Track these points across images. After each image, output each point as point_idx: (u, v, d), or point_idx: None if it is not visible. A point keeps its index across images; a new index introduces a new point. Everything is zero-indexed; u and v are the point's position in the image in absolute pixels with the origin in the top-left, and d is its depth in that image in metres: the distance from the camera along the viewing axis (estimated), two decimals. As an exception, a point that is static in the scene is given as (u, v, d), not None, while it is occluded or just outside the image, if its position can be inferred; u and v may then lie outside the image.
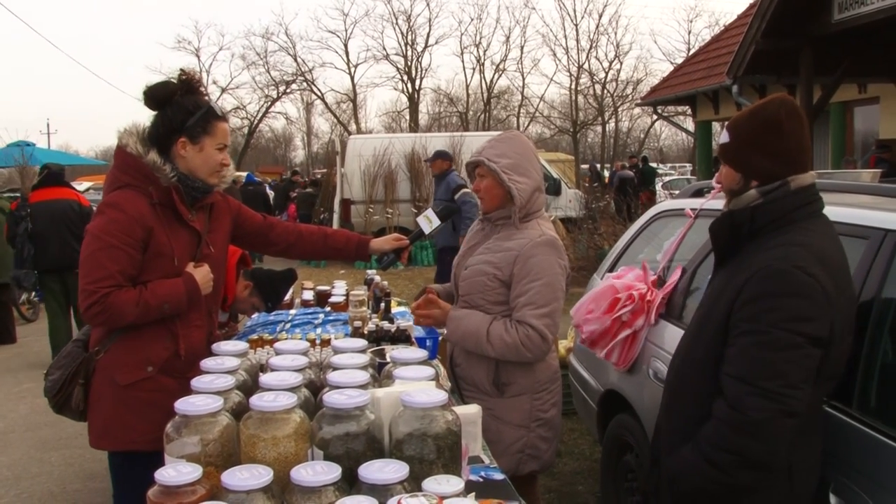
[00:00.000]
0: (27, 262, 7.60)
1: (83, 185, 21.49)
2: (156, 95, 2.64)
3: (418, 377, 2.03)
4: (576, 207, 16.23)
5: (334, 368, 2.09)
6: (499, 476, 2.13)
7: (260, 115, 42.37)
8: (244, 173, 19.99)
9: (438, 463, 1.75)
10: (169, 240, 2.60)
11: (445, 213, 3.25)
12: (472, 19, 62.42)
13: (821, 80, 10.34)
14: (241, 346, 2.42)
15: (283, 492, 1.61)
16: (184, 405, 1.81)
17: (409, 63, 41.11)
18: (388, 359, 2.32)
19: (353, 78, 41.62)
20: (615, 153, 40.22)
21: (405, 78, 41.30)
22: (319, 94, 42.17)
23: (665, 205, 4.39)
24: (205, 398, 1.85)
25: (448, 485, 1.57)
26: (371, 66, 64.02)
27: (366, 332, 3.34)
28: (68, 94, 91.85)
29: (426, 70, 42.92)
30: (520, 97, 42.90)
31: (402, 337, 3.25)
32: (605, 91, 39.84)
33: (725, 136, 2.33)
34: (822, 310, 2.07)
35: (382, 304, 3.88)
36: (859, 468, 2.26)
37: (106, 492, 2.89)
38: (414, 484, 1.61)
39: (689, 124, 24.39)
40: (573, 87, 39.30)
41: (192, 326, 2.69)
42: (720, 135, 2.40)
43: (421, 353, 2.25)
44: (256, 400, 1.79)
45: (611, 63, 39.82)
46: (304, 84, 41.41)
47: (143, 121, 2.70)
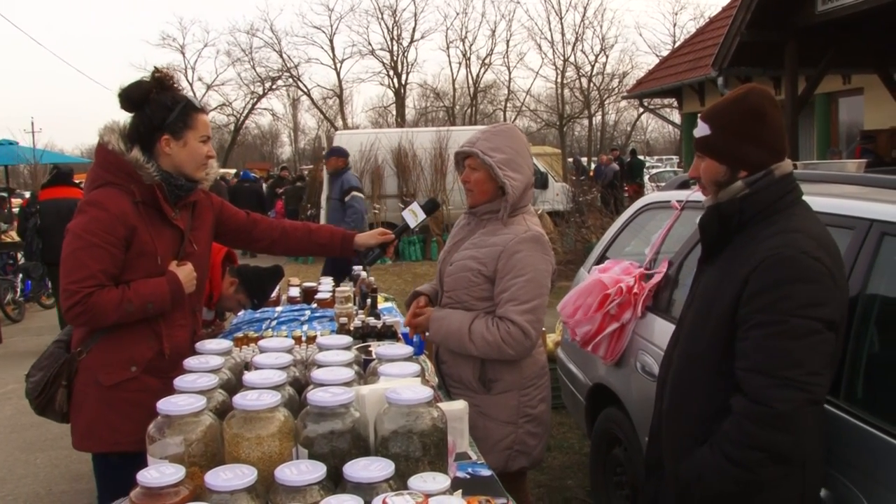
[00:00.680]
0: (35, 255, 8.40)
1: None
2: (131, 96, 2.60)
3: (404, 374, 2.01)
4: (563, 201, 16.24)
5: (319, 366, 2.07)
6: (486, 472, 2.12)
7: (246, 111, 42.32)
8: (232, 170, 19.93)
9: (424, 460, 1.73)
10: (152, 238, 2.57)
11: (430, 208, 3.24)
12: (458, 14, 62.64)
13: (805, 72, 10.39)
14: (224, 344, 2.39)
15: (267, 491, 1.59)
16: (166, 405, 1.78)
17: (395, 58, 41.08)
18: (373, 355, 2.31)
19: (339, 73, 41.65)
20: (602, 146, 40.28)
21: (391, 73, 41.28)
22: (305, 90, 42.14)
23: (651, 197, 4.39)
24: (188, 398, 1.83)
25: (434, 482, 1.56)
26: (357, 61, 64.17)
27: (352, 328, 3.33)
28: (53, 92, 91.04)
29: (412, 65, 42.88)
30: (506, 91, 43.01)
31: (388, 333, 3.25)
32: (591, 84, 39.94)
33: (704, 129, 2.26)
34: (831, 293, 2.05)
35: (369, 300, 3.87)
36: (847, 459, 2.25)
37: (92, 493, 2.86)
38: (400, 482, 1.60)
39: (675, 116, 24.45)
40: (559, 80, 39.45)
41: (175, 325, 2.66)
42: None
43: (407, 350, 2.23)
44: (240, 399, 1.77)
45: (596, 56, 40.01)
46: (290, 80, 41.37)
47: (125, 118, 2.67)
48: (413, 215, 3.18)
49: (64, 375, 2.60)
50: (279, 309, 4.05)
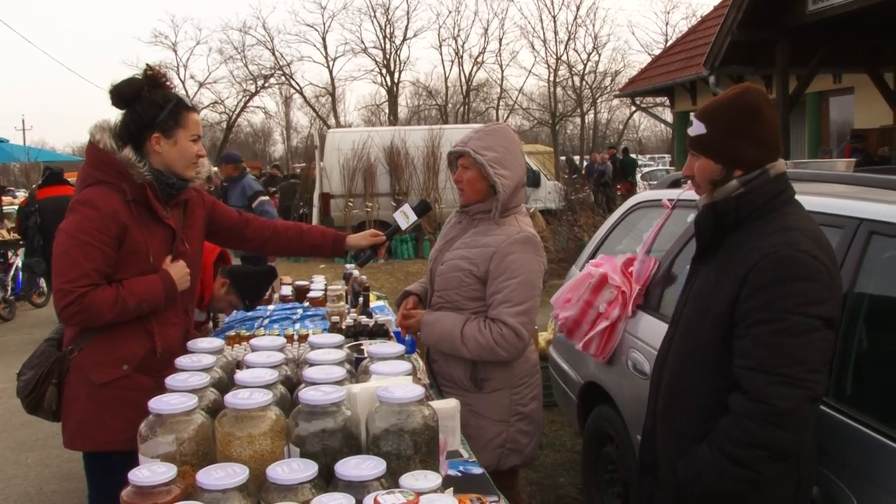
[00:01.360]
0: (37, 251, 8.77)
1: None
2: (123, 93, 2.59)
3: (395, 372, 2.01)
4: (555, 199, 16.26)
5: (310, 364, 2.07)
6: (477, 470, 2.12)
7: (238, 109, 42.14)
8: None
9: (416, 458, 1.74)
10: (144, 237, 2.56)
11: (422, 210, 3.24)
12: (451, 12, 62.32)
13: (796, 71, 10.43)
14: (216, 343, 2.39)
15: (259, 490, 1.60)
16: (158, 404, 1.79)
17: (388, 56, 41.06)
18: (365, 354, 2.31)
19: (331, 71, 41.57)
20: (594, 144, 40.34)
21: (384, 71, 41.26)
22: (298, 88, 42.07)
23: (642, 195, 4.40)
24: (179, 396, 1.83)
25: (426, 480, 1.56)
26: (349, 59, 63.93)
27: (344, 326, 3.33)
28: (44, 90, 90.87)
29: (405, 63, 42.92)
30: (499, 89, 43.01)
31: (379, 331, 3.25)
32: (584, 83, 40.01)
33: (700, 127, 2.26)
34: (830, 291, 2.06)
35: (361, 299, 3.87)
36: (837, 457, 2.27)
37: (83, 492, 2.85)
38: (391, 480, 1.61)
39: (667, 115, 24.52)
40: (552, 78, 39.49)
41: (167, 324, 2.66)
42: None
43: (398, 348, 2.23)
44: (231, 398, 1.77)
45: (589, 55, 40.07)
46: (283, 78, 41.31)
47: (116, 116, 2.66)
48: (404, 217, 3.18)
49: (55, 374, 2.59)
50: (271, 307, 4.04)
